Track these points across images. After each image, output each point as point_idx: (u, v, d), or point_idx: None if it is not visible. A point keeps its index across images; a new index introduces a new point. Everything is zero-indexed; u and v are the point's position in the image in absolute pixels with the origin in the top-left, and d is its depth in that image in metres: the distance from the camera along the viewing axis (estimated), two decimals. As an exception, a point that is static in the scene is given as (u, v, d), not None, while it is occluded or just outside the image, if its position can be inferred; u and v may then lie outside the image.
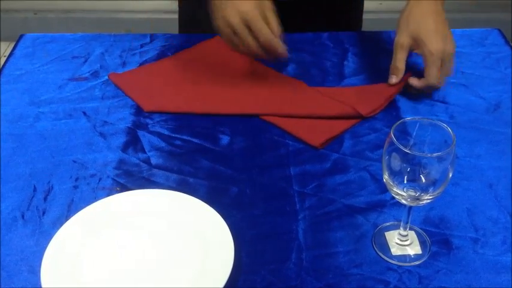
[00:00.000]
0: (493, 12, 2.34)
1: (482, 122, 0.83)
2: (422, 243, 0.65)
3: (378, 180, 0.73)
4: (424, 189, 0.58)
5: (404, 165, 0.57)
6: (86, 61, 0.95)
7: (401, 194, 0.59)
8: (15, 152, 0.77)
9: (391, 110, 0.85)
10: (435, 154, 0.55)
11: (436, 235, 0.66)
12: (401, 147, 0.55)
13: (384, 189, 0.69)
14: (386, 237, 0.66)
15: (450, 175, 0.57)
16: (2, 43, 2.43)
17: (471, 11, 2.44)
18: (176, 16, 1.14)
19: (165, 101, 0.86)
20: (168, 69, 0.93)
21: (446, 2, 2.75)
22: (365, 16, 1.66)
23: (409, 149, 0.56)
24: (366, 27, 1.77)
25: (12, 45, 2.67)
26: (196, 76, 0.91)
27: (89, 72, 0.92)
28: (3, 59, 2.57)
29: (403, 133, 0.59)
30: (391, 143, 0.57)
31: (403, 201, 0.60)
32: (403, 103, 0.86)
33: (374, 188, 0.72)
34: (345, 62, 0.95)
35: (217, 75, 0.90)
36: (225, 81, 0.89)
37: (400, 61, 0.86)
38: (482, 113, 0.84)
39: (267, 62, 0.91)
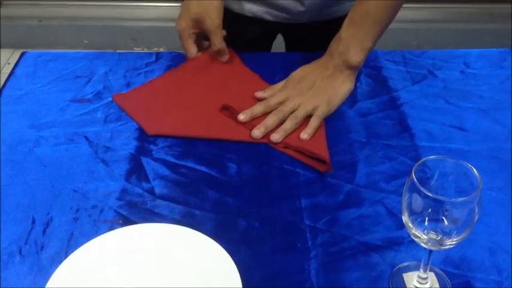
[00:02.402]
0: (504, 23, 2.30)
1: (502, 151, 0.79)
2: (442, 286, 0.61)
3: (394, 215, 0.69)
4: (447, 233, 0.55)
5: (426, 207, 0.53)
6: (89, 81, 0.92)
7: (421, 237, 0.56)
8: (14, 180, 0.74)
9: (405, 137, 0.81)
10: (460, 199, 0.51)
11: (457, 277, 0.62)
12: (423, 190, 0.52)
13: (401, 224, 0.65)
14: (405, 279, 0.62)
15: (476, 218, 0.54)
16: (7, 50, 2.42)
17: (481, 21, 2.41)
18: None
19: (169, 124, 0.83)
20: (171, 88, 0.89)
21: (456, 11, 2.69)
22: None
23: (432, 190, 0.52)
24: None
25: (16, 52, 2.65)
26: (201, 97, 0.87)
27: (91, 93, 0.89)
28: (8, 67, 2.56)
29: (425, 172, 0.55)
30: (412, 184, 0.53)
31: (424, 245, 0.56)
32: (418, 130, 0.82)
33: (390, 223, 0.69)
34: (358, 84, 0.92)
35: (221, 96, 0.86)
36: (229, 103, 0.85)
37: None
38: (502, 141, 0.80)
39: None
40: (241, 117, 0.81)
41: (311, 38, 1.04)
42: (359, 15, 0.84)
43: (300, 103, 0.82)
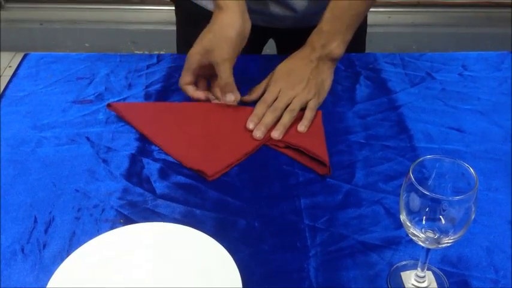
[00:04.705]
0: (503, 27, 2.31)
1: (500, 152, 0.80)
2: (440, 284, 0.62)
3: (392, 215, 0.70)
4: (444, 231, 0.55)
5: (424, 206, 0.54)
6: (90, 82, 0.93)
7: (419, 235, 0.56)
8: (16, 179, 0.75)
9: (404, 138, 0.82)
10: (457, 197, 0.52)
11: (454, 276, 0.63)
12: (421, 188, 0.52)
13: (399, 224, 0.66)
14: (402, 278, 0.63)
15: (472, 217, 0.54)
16: (8, 53, 2.42)
17: (480, 25, 2.42)
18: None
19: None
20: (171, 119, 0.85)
21: (455, 16, 2.70)
22: (374, 29, 1.62)
23: (429, 189, 0.53)
24: (375, 40, 1.76)
25: (17, 56, 2.66)
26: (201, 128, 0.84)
27: (93, 94, 0.90)
28: (9, 70, 2.57)
29: (422, 172, 0.56)
30: (410, 183, 0.54)
31: (421, 244, 0.57)
32: (416, 131, 0.83)
33: (388, 223, 0.69)
34: (357, 86, 0.93)
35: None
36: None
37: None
38: (499, 143, 0.81)
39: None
40: (251, 125, 0.82)
41: (303, 43, 1.04)
42: (340, 9, 0.85)
43: (293, 96, 0.84)
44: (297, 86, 0.84)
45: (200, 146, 0.80)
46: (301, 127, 0.82)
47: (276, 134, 0.80)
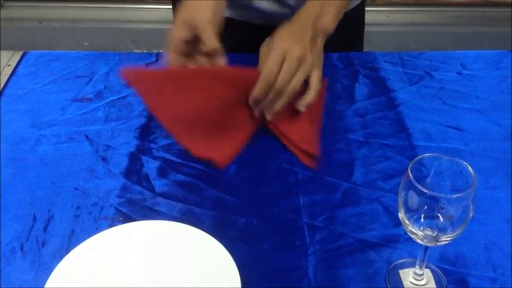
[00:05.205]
0: (502, 26, 2.31)
1: (498, 150, 0.80)
2: (438, 282, 0.62)
3: (391, 213, 0.70)
4: (442, 229, 0.56)
5: (422, 204, 0.54)
6: (90, 81, 0.93)
7: (417, 233, 0.56)
8: (15, 177, 0.75)
9: (402, 137, 0.82)
10: (455, 195, 0.52)
11: (453, 274, 0.63)
12: (419, 187, 0.53)
13: (397, 222, 0.66)
14: (401, 276, 0.63)
15: (470, 215, 0.54)
16: (7, 52, 2.42)
17: (479, 24, 2.42)
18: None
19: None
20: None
21: (454, 15, 2.69)
22: (373, 29, 1.62)
23: (427, 187, 0.53)
24: (374, 39, 1.76)
25: (16, 54, 2.65)
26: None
27: (92, 92, 0.90)
28: (8, 68, 2.56)
29: (421, 170, 0.56)
30: (409, 181, 0.54)
31: (420, 242, 0.57)
32: (415, 130, 0.83)
33: (387, 221, 0.69)
34: (356, 85, 0.93)
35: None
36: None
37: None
38: (498, 141, 0.81)
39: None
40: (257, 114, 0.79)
41: None
42: None
43: (300, 62, 0.76)
44: (303, 41, 0.76)
45: (206, 127, 0.79)
46: (301, 107, 0.78)
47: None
